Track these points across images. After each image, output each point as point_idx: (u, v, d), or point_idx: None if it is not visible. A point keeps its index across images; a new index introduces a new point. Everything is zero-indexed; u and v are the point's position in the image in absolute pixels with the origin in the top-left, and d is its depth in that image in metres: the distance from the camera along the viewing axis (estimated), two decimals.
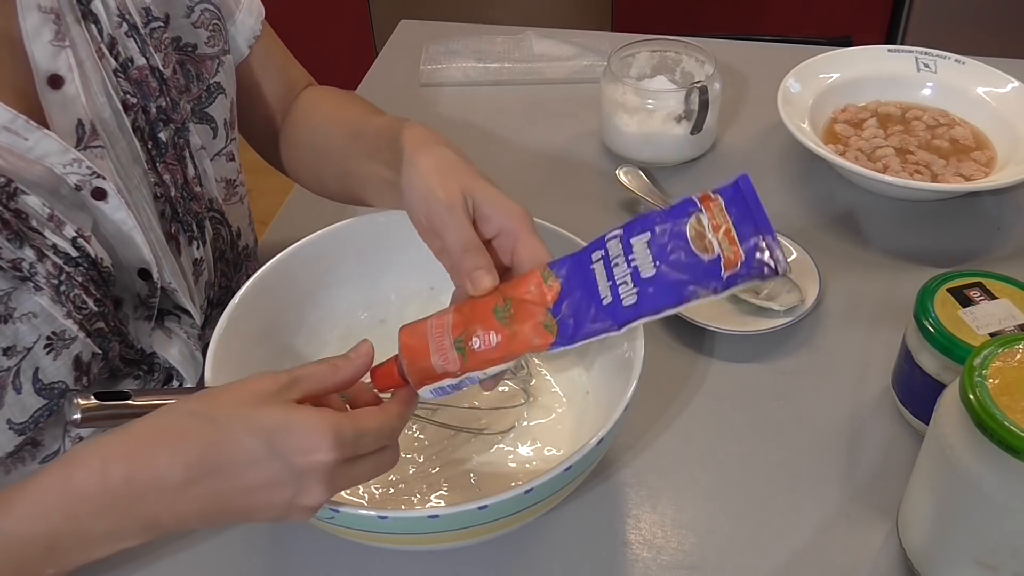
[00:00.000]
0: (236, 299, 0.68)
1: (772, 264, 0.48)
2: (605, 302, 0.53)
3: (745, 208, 0.51)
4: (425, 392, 0.57)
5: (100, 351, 0.65)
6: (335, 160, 0.78)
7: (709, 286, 0.50)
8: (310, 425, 0.50)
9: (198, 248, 0.74)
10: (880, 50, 1.05)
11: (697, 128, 0.97)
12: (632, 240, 0.54)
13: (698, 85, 0.95)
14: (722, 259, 0.50)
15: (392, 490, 0.67)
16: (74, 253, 0.63)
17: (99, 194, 0.64)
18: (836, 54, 1.04)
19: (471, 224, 0.58)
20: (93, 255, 0.64)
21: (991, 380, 0.54)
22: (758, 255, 0.49)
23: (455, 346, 0.55)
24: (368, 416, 0.53)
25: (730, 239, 0.50)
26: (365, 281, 0.76)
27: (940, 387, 0.63)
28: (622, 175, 0.95)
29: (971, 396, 0.53)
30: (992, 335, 0.65)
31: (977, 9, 2.08)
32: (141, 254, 0.68)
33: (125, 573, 0.66)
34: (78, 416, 0.54)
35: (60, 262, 0.62)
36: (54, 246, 0.62)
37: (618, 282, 0.53)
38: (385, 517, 0.54)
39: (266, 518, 0.52)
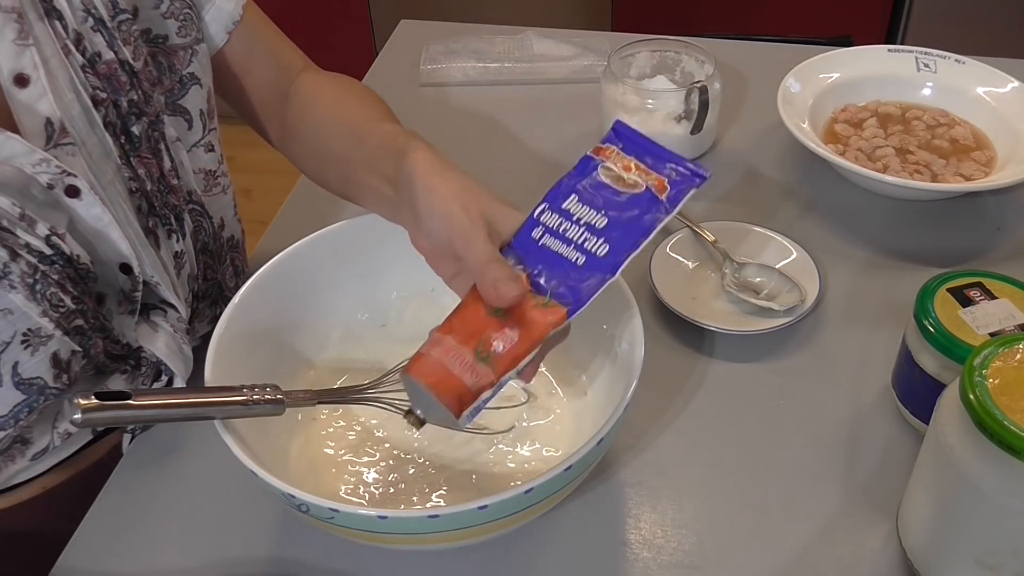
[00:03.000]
0: (236, 299, 0.68)
1: (695, 170, 0.57)
2: (580, 263, 0.57)
3: (634, 145, 0.59)
4: (464, 421, 0.56)
5: (80, 348, 0.65)
6: (336, 162, 0.77)
7: (661, 209, 0.57)
8: None
9: (178, 241, 0.74)
10: (880, 50, 1.05)
11: (697, 128, 0.97)
12: (563, 206, 0.59)
13: (698, 85, 0.95)
14: (651, 188, 0.57)
15: (392, 490, 0.67)
16: (48, 251, 0.62)
17: (72, 192, 0.64)
18: (836, 54, 1.04)
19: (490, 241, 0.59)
20: (68, 252, 0.64)
21: (991, 380, 0.54)
22: (680, 171, 0.58)
23: (478, 359, 0.56)
24: None
25: (642, 171, 0.58)
26: (365, 281, 0.76)
27: (940, 387, 0.63)
28: None
29: (971, 396, 0.53)
30: (992, 335, 0.65)
31: (977, 9, 2.08)
32: (119, 249, 0.68)
33: None
34: (79, 416, 0.54)
35: (35, 261, 0.62)
36: (27, 245, 0.61)
37: (580, 243, 0.58)
38: (385, 517, 0.54)
39: None
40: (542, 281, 0.57)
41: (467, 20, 1.30)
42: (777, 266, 0.85)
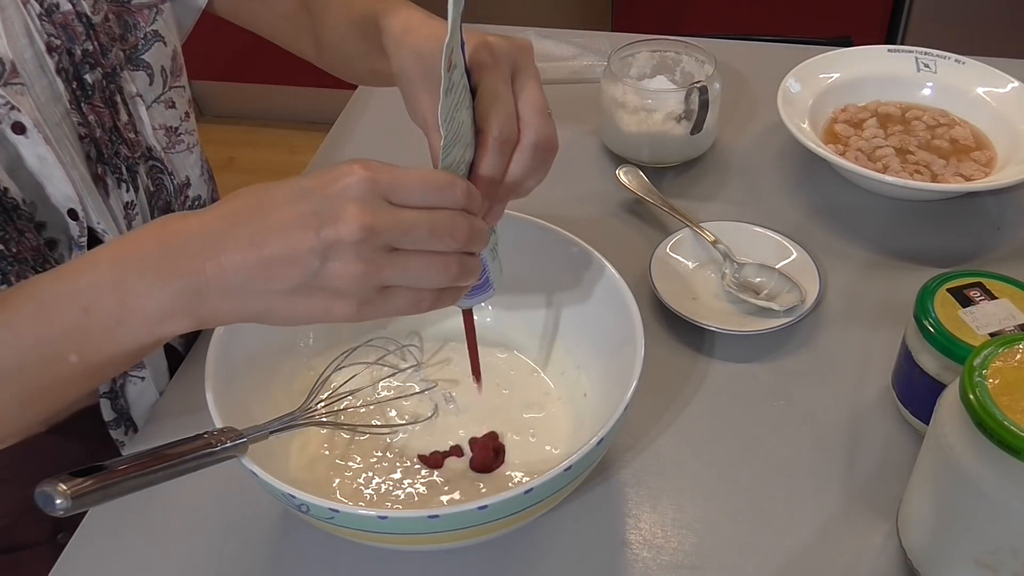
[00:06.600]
0: None
1: None
2: None
3: None
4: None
5: None
6: (361, 62, 0.80)
7: None
8: (344, 162, 0.52)
9: (127, 191, 0.76)
10: (880, 50, 1.05)
11: (697, 128, 0.97)
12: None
13: (698, 85, 0.95)
14: None
15: (393, 490, 0.67)
16: None
17: (19, 128, 0.66)
18: (836, 54, 1.04)
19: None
20: None
21: (991, 380, 0.54)
22: None
23: None
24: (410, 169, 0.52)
25: None
26: None
27: (940, 387, 0.63)
28: (622, 175, 0.95)
29: (971, 396, 0.53)
30: (992, 335, 0.65)
31: (977, 9, 2.08)
32: (66, 191, 0.70)
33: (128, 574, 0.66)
34: (62, 502, 0.47)
35: None
36: None
37: None
38: (385, 517, 0.55)
39: (303, 266, 0.50)
40: None
41: (467, 20, 1.29)
42: (777, 266, 0.85)
